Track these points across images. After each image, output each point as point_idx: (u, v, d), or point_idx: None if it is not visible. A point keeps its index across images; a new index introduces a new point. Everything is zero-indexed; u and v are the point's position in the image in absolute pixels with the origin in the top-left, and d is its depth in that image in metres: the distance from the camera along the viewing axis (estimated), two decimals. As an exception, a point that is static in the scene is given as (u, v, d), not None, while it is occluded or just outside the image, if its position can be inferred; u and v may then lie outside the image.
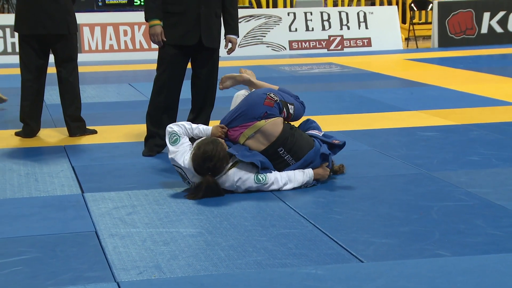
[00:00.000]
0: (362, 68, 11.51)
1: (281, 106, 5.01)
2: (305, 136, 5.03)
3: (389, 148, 6.01)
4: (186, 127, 4.90)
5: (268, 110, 4.93)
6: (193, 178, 4.77)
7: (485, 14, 14.86)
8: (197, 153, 4.67)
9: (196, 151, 4.69)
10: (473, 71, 10.89)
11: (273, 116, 4.94)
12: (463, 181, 4.98)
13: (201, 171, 4.69)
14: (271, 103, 4.94)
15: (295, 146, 4.92)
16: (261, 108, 4.92)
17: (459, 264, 3.57)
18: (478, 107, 7.84)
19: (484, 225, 4.10)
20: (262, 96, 4.98)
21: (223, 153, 4.69)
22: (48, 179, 5.28)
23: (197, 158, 4.66)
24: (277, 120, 4.94)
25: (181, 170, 4.80)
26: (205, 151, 4.65)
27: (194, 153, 4.70)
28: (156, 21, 5.72)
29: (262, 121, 4.91)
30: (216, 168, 4.68)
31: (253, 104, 4.95)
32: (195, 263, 3.62)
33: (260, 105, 4.93)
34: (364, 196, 4.74)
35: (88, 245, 3.93)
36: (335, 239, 3.92)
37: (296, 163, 4.92)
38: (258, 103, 4.94)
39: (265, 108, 4.92)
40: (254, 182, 4.77)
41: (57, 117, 7.51)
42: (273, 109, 4.95)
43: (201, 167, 4.67)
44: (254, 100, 4.97)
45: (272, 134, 4.91)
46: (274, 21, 14.21)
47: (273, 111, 4.95)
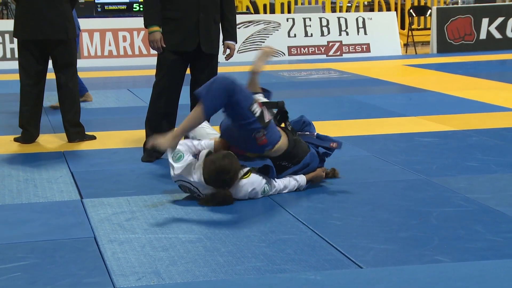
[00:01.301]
0: (361, 74, 11.51)
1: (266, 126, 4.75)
2: (302, 143, 5.03)
3: (388, 153, 6.01)
4: (189, 144, 4.87)
5: (267, 146, 4.80)
6: (204, 191, 4.73)
7: (484, 20, 14.88)
8: (213, 167, 4.62)
9: (211, 166, 4.62)
10: (472, 77, 10.90)
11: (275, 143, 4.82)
12: (462, 187, 4.97)
13: (217, 185, 4.67)
14: (264, 140, 4.76)
15: (293, 156, 4.95)
16: (260, 148, 4.79)
17: (459, 269, 3.56)
18: (477, 113, 7.84)
19: (484, 231, 4.10)
20: (253, 140, 4.76)
21: (238, 166, 4.69)
22: (47, 184, 5.28)
23: (213, 173, 4.62)
24: (280, 147, 4.86)
25: (190, 185, 4.75)
26: (221, 165, 4.60)
27: (209, 168, 4.62)
28: (156, 28, 5.72)
29: (268, 152, 4.85)
30: (232, 181, 4.66)
31: (251, 147, 4.81)
32: (194, 269, 3.62)
33: (256, 147, 4.78)
34: (363, 202, 4.73)
35: (87, 251, 3.92)
36: (334, 245, 3.92)
37: (294, 167, 4.94)
38: (254, 146, 4.79)
39: (263, 147, 4.79)
40: (261, 193, 4.79)
41: (56, 122, 7.51)
42: (269, 142, 4.78)
43: (217, 181, 4.64)
44: (249, 145, 4.81)
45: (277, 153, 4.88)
46: (273, 27, 14.23)
47: (270, 143, 4.78)
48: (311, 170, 5.00)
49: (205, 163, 4.67)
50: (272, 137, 4.81)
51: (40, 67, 6.62)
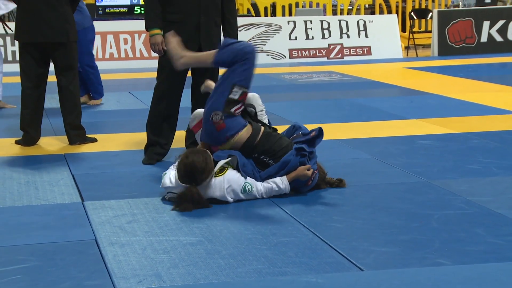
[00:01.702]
0: (362, 77, 11.51)
1: (228, 114, 4.83)
2: (284, 139, 4.99)
3: (388, 156, 6.01)
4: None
5: (227, 132, 4.85)
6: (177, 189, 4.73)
7: (485, 22, 14.89)
8: (186, 162, 4.65)
9: (184, 160, 4.66)
10: (472, 79, 10.90)
11: (237, 131, 4.86)
12: (463, 190, 4.97)
13: (187, 181, 4.66)
14: (222, 125, 4.83)
15: (270, 148, 4.88)
16: (220, 136, 4.86)
17: (460, 272, 3.56)
18: (478, 115, 7.84)
19: (484, 234, 4.10)
20: (210, 124, 4.86)
21: (211, 164, 4.69)
22: (48, 187, 5.28)
23: (185, 167, 4.64)
24: (242, 136, 4.88)
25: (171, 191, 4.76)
26: (193, 161, 4.63)
27: (182, 162, 4.66)
28: (157, 30, 5.73)
29: (230, 141, 4.89)
30: (203, 179, 4.65)
31: (211, 135, 4.90)
32: (195, 271, 3.62)
33: (215, 134, 4.86)
34: (364, 205, 4.73)
35: (88, 253, 3.92)
36: (335, 248, 3.91)
37: (275, 164, 4.88)
38: (213, 132, 4.87)
39: (223, 133, 4.85)
40: (241, 192, 4.77)
41: (57, 125, 7.51)
42: (227, 127, 4.84)
43: (188, 177, 4.64)
44: (209, 132, 4.90)
45: (238, 146, 4.89)
46: (274, 29, 14.24)
47: (230, 128, 4.84)
48: (292, 168, 4.85)
49: (179, 160, 4.69)
50: (233, 124, 4.84)
51: (40, 70, 6.62)
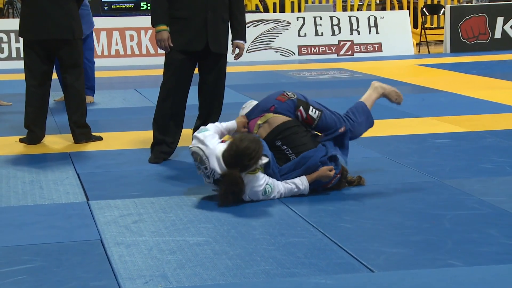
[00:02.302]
0: (373, 74, 11.50)
1: (296, 103, 5.04)
2: (311, 138, 5.02)
3: (400, 155, 6.00)
4: (216, 125, 4.96)
5: (277, 104, 5.04)
6: (213, 165, 4.64)
7: (499, 18, 14.84)
8: (239, 145, 4.59)
9: (238, 143, 4.60)
10: (486, 77, 10.87)
11: (282, 113, 5.02)
12: (476, 189, 4.97)
13: (232, 163, 4.61)
14: (284, 98, 5.06)
15: (295, 141, 4.90)
16: (272, 101, 5.07)
17: (472, 274, 3.56)
18: (491, 113, 7.82)
19: (498, 235, 4.09)
20: (278, 92, 5.16)
21: (260, 155, 4.68)
22: (53, 186, 5.29)
23: (237, 150, 4.58)
24: (280, 117, 5.00)
25: (204, 153, 4.67)
26: (247, 147, 4.59)
27: (235, 144, 4.60)
28: (163, 27, 5.74)
29: (270, 113, 5.02)
30: (247, 167, 4.64)
31: (267, 98, 5.13)
32: (202, 272, 3.63)
33: (272, 99, 5.09)
34: (374, 205, 4.73)
35: (94, 253, 3.93)
36: (345, 248, 3.92)
37: (295, 159, 4.89)
38: (271, 97, 5.11)
39: (274, 102, 5.06)
40: (262, 194, 4.78)
41: (62, 123, 7.53)
42: (284, 104, 5.03)
43: (236, 161, 4.59)
44: (269, 95, 5.15)
45: (273, 124, 4.98)
46: (283, 26, 14.23)
47: (283, 107, 5.02)
48: (312, 166, 4.88)
49: (233, 140, 4.65)
50: (286, 108, 5.03)
51: (45, 68, 6.64)
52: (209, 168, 4.70)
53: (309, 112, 5.06)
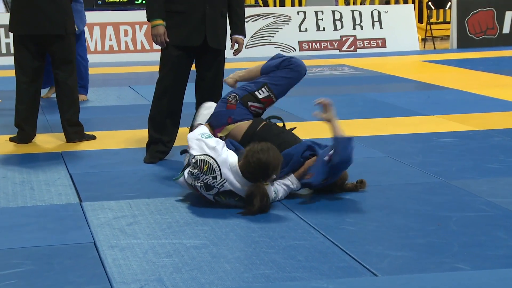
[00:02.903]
0: (376, 70, 11.51)
1: (244, 102, 5.18)
2: (289, 134, 5.10)
3: (404, 155, 6.01)
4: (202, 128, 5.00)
5: (232, 114, 5.16)
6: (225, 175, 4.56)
7: (507, 13, 14.85)
8: (262, 157, 4.49)
9: (260, 154, 4.50)
10: (494, 73, 10.88)
11: (242, 119, 5.15)
12: (483, 190, 4.97)
13: (258, 176, 4.55)
14: (233, 105, 5.17)
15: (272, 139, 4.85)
16: (225, 114, 5.18)
17: (479, 278, 3.56)
18: (499, 111, 7.83)
19: (506, 237, 4.10)
20: (221, 103, 5.29)
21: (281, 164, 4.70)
22: (44, 187, 5.29)
23: (260, 163, 4.50)
24: (242, 125, 5.14)
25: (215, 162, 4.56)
26: (274, 156, 4.56)
27: (256, 157, 4.49)
28: (159, 21, 5.73)
29: (231, 125, 5.14)
30: (271, 177, 4.63)
31: (217, 112, 5.24)
32: (199, 276, 3.63)
33: (224, 112, 5.20)
34: (378, 206, 4.73)
35: (87, 257, 3.94)
36: (348, 252, 3.92)
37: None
38: (220, 110, 5.22)
39: (228, 113, 5.17)
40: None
41: (53, 122, 7.53)
42: (237, 110, 5.16)
43: (262, 173, 4.54)
44: (216, 108, 5.28)
45: (239, 134, 5.11)
46: (283, 20, 14.24)
47: (238, 113, 5.16)
48: (296, 164, 4.84)
49: (252, 152, 4.54)
50: (241, 112, 5.16)
51: (37, 64, 6.64)
52: (220, 179, 4.61)
53: (260, 96, 5.16)
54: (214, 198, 4.70)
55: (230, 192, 4.64)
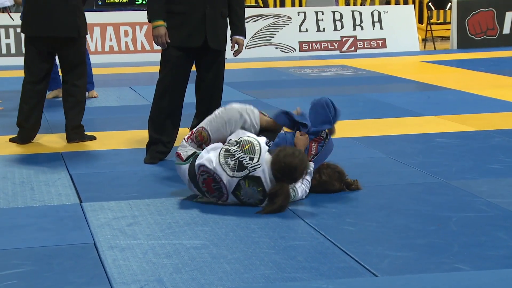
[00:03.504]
0: (377, 71, 11.51)
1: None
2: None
3: (404, 155, 6.01)
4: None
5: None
6: (262, 161, 4.60)
7: (508, 13, 14.84)
8: (292, 161, 4.57)
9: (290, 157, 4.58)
10: (494, 74, 10.88)
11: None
12: (483, 191, 4.97)
13: (285, 177, 4.59)
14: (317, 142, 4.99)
15: None
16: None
17: (479, 278, 3.56)
18: (499, 112, 7.83)
19: (506, 237, 4.10)
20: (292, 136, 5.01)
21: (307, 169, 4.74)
22: (44, 187, 5.29)
23: (290, 166, 4.57)
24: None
25: (259, 146, 4.64)
26: (302, 160, 4.62)
27: (287, 159, 4.57)
28: (160, 22, 5.74)
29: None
30: (297, 180, 4.69)
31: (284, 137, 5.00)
32: (199, 277, 3.63)
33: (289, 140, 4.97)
34: (378, 206, 4.73)
35: (87, 257, 3.94)
36: (348, 252, 3.92)
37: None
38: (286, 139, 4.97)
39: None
40: None
41: (54, 122, 7.54)
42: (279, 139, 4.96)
43: (288, 175, 4.59)
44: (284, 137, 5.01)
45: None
46: (283, 21, 14.23)
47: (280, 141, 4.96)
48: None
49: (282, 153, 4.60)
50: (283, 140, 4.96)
51: (46, 65, 6.65)
52: (257, 162, 4.62)
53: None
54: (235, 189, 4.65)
55: (257, 179, 4.62)
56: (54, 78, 9.14)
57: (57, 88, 9.22)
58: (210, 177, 4.67)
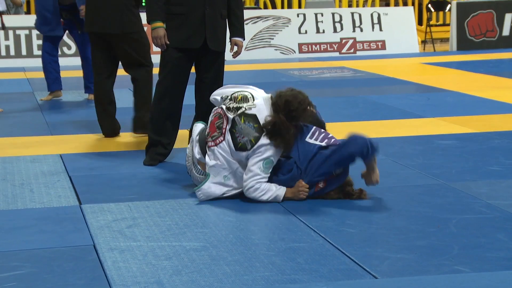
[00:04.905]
0: (376, 73, 11.51)
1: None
2: None
3: (404, 157, 6.01)
4: None
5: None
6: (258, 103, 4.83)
7: (507, 15, 14.85)
8: (298, 96, 4.84)
9: (297, 93, 4.86)
10: (494, 75, 10.88)
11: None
12: (483, 193, 4.97)
13: (281, 110, 4.76)
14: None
15: None
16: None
17: (479, 280, 3.56)
18: (499, 114, 7.83)
19: (506, 239, 4.10)
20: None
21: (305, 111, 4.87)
22: (44, 189, 5.29)
23: (295, 97, 4.82)
24: None
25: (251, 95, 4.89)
26: (304, 100, 4.85)
27: (293, 93, 4.87)
28: (159, 23, 5.73)
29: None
30: (298, 116, 4.80)
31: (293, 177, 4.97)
32: (199, 279, 3.63)
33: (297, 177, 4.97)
34: (378, 208, 4.73)
35: (86, 259, 3.93)
36: (348, 254, 3.92)
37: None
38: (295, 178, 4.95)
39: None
40: (260, 166, 4.78)
41: (53, 123, 7.53)
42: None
43: (284, 108, 4.76)
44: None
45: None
46: (282, 22, 14.24)
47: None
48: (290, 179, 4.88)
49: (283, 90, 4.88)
50: None
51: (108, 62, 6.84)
52: (252, 102, 4.86)
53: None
54: (231, 126, 4.83)
55: (253, 116, 4.82)
56: (56, 78, 9.16)
57: (58, 89, 9.23)
58: (215, 116, 4.98)
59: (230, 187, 4.90)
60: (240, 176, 4.88)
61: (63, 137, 6.83)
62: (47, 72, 9.09)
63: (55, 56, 9.06)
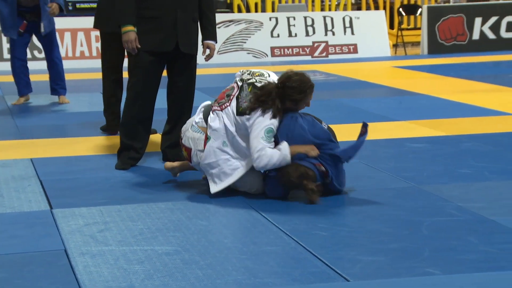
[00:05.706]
0: (348, 76, 11.55)
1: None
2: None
3: (376, 160, 6.03)
4: None
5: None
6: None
7: (477, 19, 14.97)
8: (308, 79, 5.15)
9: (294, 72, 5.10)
10: (464, 79, 10.96)
11: None
12: (454, 195, 5.00)
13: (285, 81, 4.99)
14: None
15: None
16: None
17: (451, 282, 3.58)
18: (470, 117, 7.88)
19: (477, 242, 4.12)
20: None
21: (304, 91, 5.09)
22: (14, 194, 5.25)
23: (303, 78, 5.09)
24: None
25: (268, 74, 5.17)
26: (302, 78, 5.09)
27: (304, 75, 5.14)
28: (130, 27, 5.71)
29: None
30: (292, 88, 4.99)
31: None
32: (171, 283, 3.61)
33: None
34: (350, 211, 4.74)
35: (57, 264, 3.91)
36: (320, 257, 3.92)
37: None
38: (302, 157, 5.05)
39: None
40: (263, 135, 4.87)
41: (24, 128, 7.48)
42: None
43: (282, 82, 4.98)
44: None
45: None
46: (255, 26, 14.25)
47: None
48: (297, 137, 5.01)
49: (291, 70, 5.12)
50: None
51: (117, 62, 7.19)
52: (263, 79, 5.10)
53: None
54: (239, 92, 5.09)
55: None
56: (27, 83, 9.10)
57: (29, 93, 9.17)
58: (228, 88, 5.24)
59: (227, 154, 4.99)
60: (237, 146, 4.99)
61: (33, 141, 6.78)
62: (17, 77, 9.03)
63: (24, 61, 8.99)
